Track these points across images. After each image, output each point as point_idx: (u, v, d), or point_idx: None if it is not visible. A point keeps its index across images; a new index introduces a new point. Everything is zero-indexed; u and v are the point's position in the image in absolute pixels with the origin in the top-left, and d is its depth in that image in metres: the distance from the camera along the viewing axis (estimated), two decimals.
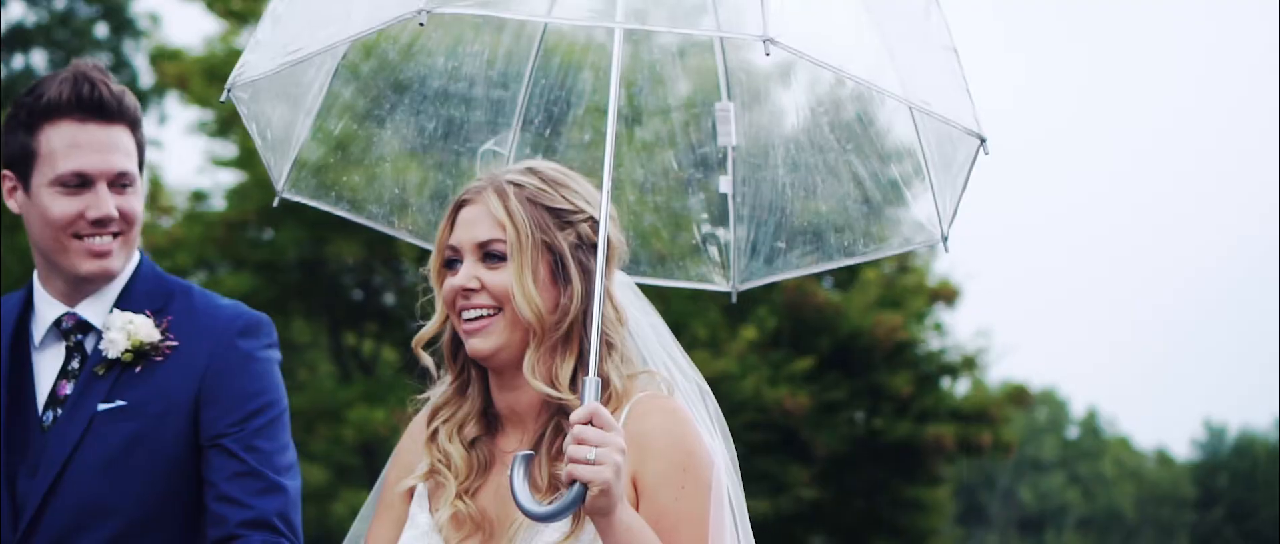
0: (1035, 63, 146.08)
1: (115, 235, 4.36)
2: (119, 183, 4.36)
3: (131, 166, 4.38)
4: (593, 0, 4.32)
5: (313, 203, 4.52)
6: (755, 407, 25.14)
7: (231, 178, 22.83)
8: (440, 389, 4.08)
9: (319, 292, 22.72)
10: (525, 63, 4.61)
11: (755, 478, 25.67)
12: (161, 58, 24.15)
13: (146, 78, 27.70)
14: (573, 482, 3.68)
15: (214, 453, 4.31)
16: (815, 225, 4.51)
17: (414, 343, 4.07)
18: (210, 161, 22.83)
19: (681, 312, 21.89)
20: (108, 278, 4.39)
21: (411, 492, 4.05)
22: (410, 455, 4.10)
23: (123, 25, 29.17)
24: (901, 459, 28.35)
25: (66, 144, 4.33)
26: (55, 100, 4.34)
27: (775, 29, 3.62)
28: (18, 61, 29.07)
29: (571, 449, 3.67)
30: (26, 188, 4.38)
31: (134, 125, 4.41)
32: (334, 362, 22.67)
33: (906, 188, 4.43)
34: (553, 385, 3.92)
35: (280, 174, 4.45)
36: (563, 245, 3.94)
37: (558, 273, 3.94)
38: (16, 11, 28.99)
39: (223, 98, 4.19)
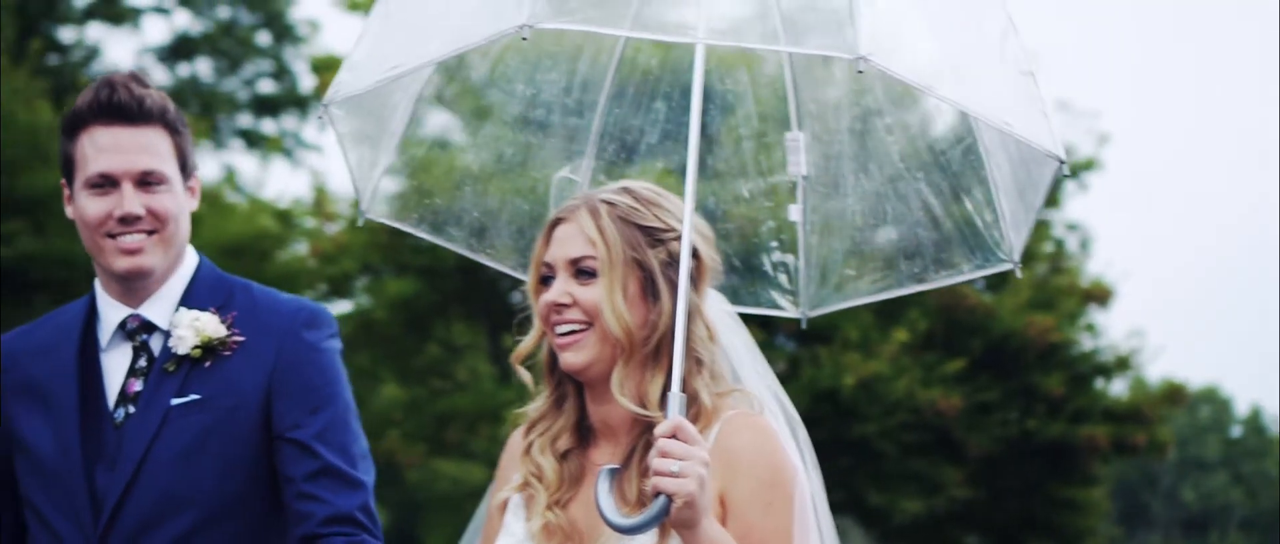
0: (1206, 57, 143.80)
1: (149, 233, 4.42)
2: (146, 182, 4.41)
3: (159, 165, 4.42)
4: (679, 17, 4.32)
5: (396, 224, 4.59)
6: (908, 407, 25.03)
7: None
8: (538, 403, 4.13)
9: (478, 295, 22.89)
10: (599, 91, 4.65)
11: (908, 478, 25.57)
12: (321, 65, 24.44)
13: (307, 84, 28.09)
14: (657, 494, 3.72)
15: (289, 447, 4.37)
16: (885, 253, 4.52)
17: (513, 357, 4.12)
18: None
19: (830, 315, 21.86)
20: (143, 275, 4.44)
21: (506, 503, 4.11)
22: (510, 469, 4.16)
23: (283, 33, 29.59)
24: (1055, 459, 28.07)
25: (94, 147, 4.41)
26: (82, 108, 4.43)
27: (867, 47, 3.69)
28: (183, 70, 29.62)
29: (656, 462, 3.72)
30: (73, 194, 4.48)
31: (170, 127, 4.45)
32: (493, 363, 22.84)
33: (977, 215, 4.41)
34: (641, 402, 3.96)
35: (366, 195, 4.52)
36: (653, 263, 3.98)
37: (648, 290, 3.98)
38: (181, 21, 29.55)
39: (318, 115, 4.29)
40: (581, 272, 3.99)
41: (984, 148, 4.35)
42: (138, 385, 4.44)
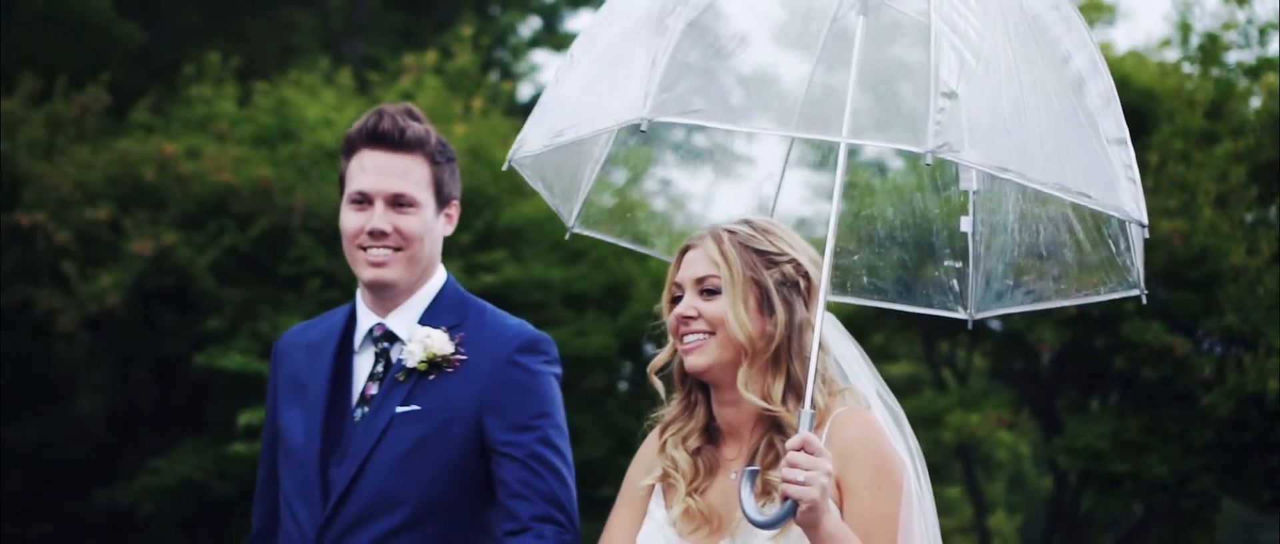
0: None
1: (395, 250, 4.65)
2: (397, 203, 4.66)
3: (412, 190, 4.65)
4: (825, 114, 4.59)
5: (602, 236, 4.86)
6: None
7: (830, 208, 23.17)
8: (670, 408, 4.49)
9: None
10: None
11: None
12: None
13: None
14: (786, 498, 4.08)
15: (503, 459, 4.61)
16: (1037, 269, 4.68)
17: (649, 368, 4.50)
18: (812, 192, 23.31)
19: (1256, 321, 20.99)
20: (385, 287, 4.67)
21: (651, 490, 4.44)
22: (648, 460, 4.50)
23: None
24: None
25: (359, 168, 4.68)
26: (354, 133, 4.71)
27: (933, 144, 4.01)
28: None
29: (786, 471, 4.09)
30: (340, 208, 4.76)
31: (430, 157, 4.69)
32: (929, 369, 22.76)
33: (1112, 242, 4.57)
34: (765, 399, 4.31)
35: (570, 214, 4.80)
36: (769, 282, 4.35)
37: (764, 305, 4.33)
38: None
39: (504, 167, 4.62)
40: (706, 290, 4.36)
41: None
42: (374, 389, 4.69)
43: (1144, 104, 19.67)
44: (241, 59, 21.89)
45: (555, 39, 28.07)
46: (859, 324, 23.28)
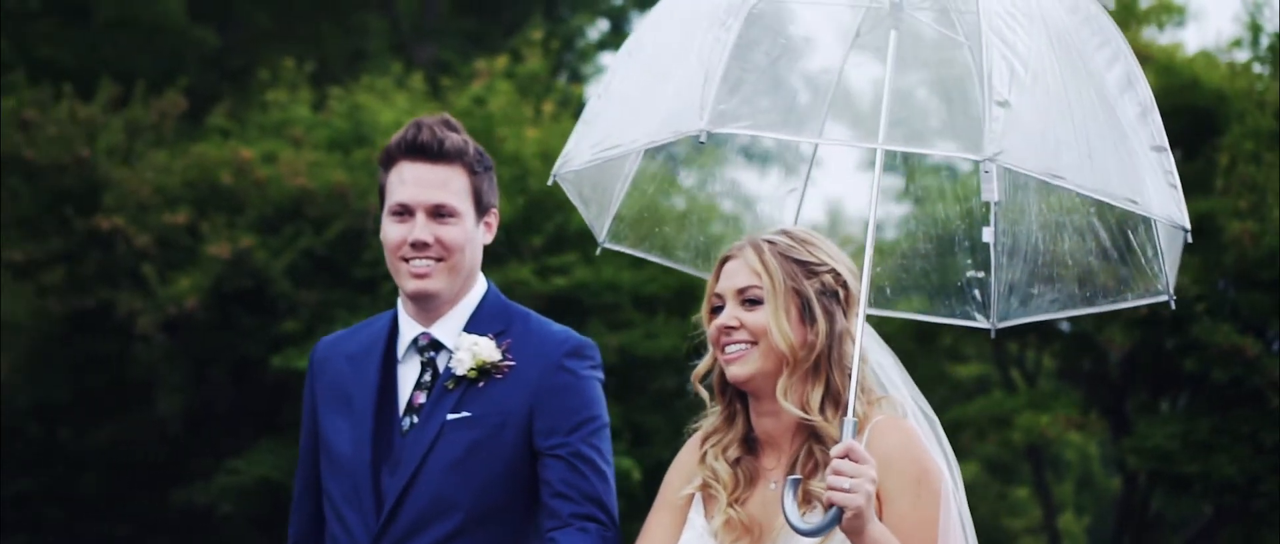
0: None
1: (437, 260, 4.64)
2: (438, 214, 4.64)
3: (451, 200, 4.63)
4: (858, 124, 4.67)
5: (630, 250, 4.87)
6: None
7: (902, 210, 23.16)
8: (710, 419, 4.48)
9: None
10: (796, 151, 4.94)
11: None
12: None
13: None
14: (831, 505, 4.09)
15: (549, 460, 4.61)
16: (1062, 276, 4.68)
17: (692, 377, 4.48)
18: (883, 194, 23.15)
19: None
20: (428, 297, 4.66)
21: (690, 498, 4.44)
22: (687, 468, 4.49)
23: None
24: None
25: (399, 180, 4.66)
26: (392, 145, 4.70)
27: (992, 150, 4.06)
28: None
29: (831, 479, 4.09)
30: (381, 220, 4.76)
31: (469, 167, 4.67)
32: (998, 370, 22.66)
33: (1140, 250, 4.58)
34: (804, 409, 4.29)
35: (601, 228, 4.83)
36: (809, 291, 4.32)
37: (805, 314, 4.31)
38: None
39: (549, 182, 4.65)
40: (748, 300, 4.33)
41: None
42: (422, 398, 4.69)
43: (1214, 105, 19.53)
44: (312, 62, 22.05)
45: (622, 41, 27.93)
46: (927, 325, 23.18)
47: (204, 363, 20.76)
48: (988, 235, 4.65)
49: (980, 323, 4.77)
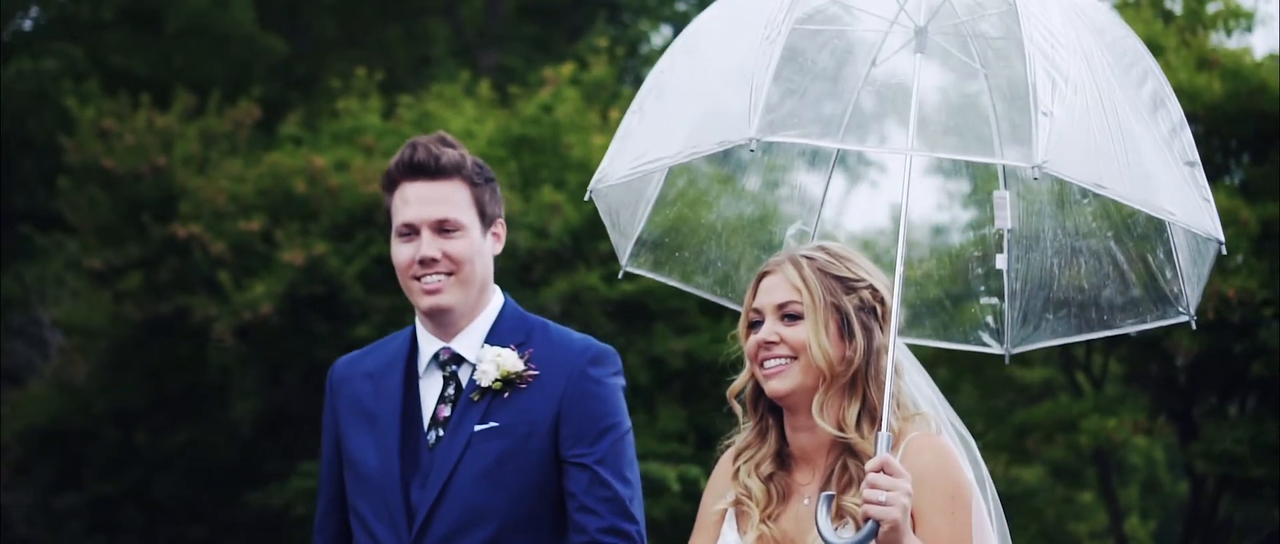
0: None
1: (447, 274, 4.68)
2: (443, 229, 4.68)
3: (455, 214, 4.67)
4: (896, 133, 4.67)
5: (651, 275, 4.89)
6: None
7: (968, 215, 23.00)
8: (743, 435, 4.48)
9: None
10: (828, 157, 4.90)
11: None
12: None
13: None
14: (866, 519, 4.08)
15: (573, 469, 4.65)
16: (1078, 301, 4.68)
17: (729, 393, 4.49)
18: (947, 198, 23.11)
19: None
20: (443, 312, 4.70)
21: (723, 515, 4.45)
22: (721, 485, 4.49)
23: None
24: None
25: (402, 201, 4.71)
26: (392, 168, 4.74)
27: (1042, 157, 4.08)
28: None
29: (867, 492, 4.09)
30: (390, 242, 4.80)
31: (469, 180, 4.70)
32: (1064, 374, 22.49)
33: (1159, 272, 4.58)
34: (840, 426, 4.30)
35: (624, 252, 4.86)
36: (848, 307, 4.33)
37: (844, 330, 4.31)
38: None
39: (586, 198, 4.69)
40: (787, 315, 4.34)
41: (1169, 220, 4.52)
42: (446, 411, 4.73)
43: None
44: (382, 71, 22.20)
45: None
46: None
47: (278, 367, 20.94)
48: (1001, 262, 4.66)
49: (994, 349, 4.77)
